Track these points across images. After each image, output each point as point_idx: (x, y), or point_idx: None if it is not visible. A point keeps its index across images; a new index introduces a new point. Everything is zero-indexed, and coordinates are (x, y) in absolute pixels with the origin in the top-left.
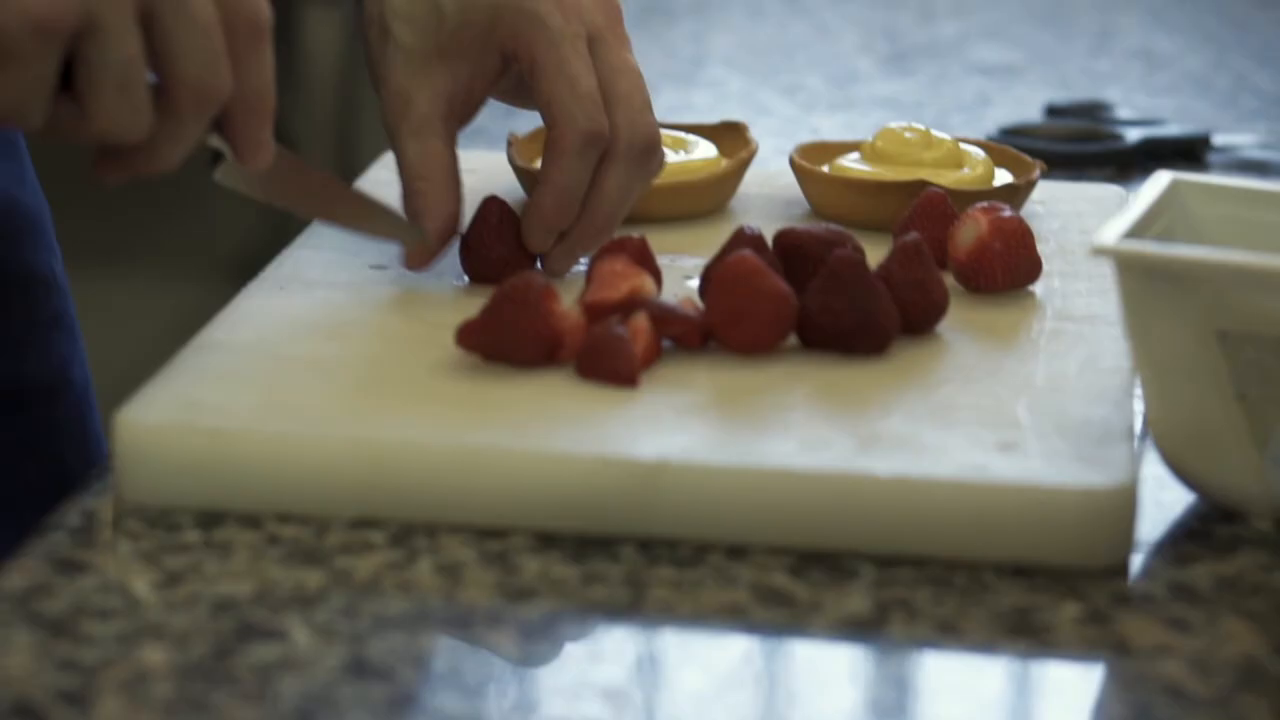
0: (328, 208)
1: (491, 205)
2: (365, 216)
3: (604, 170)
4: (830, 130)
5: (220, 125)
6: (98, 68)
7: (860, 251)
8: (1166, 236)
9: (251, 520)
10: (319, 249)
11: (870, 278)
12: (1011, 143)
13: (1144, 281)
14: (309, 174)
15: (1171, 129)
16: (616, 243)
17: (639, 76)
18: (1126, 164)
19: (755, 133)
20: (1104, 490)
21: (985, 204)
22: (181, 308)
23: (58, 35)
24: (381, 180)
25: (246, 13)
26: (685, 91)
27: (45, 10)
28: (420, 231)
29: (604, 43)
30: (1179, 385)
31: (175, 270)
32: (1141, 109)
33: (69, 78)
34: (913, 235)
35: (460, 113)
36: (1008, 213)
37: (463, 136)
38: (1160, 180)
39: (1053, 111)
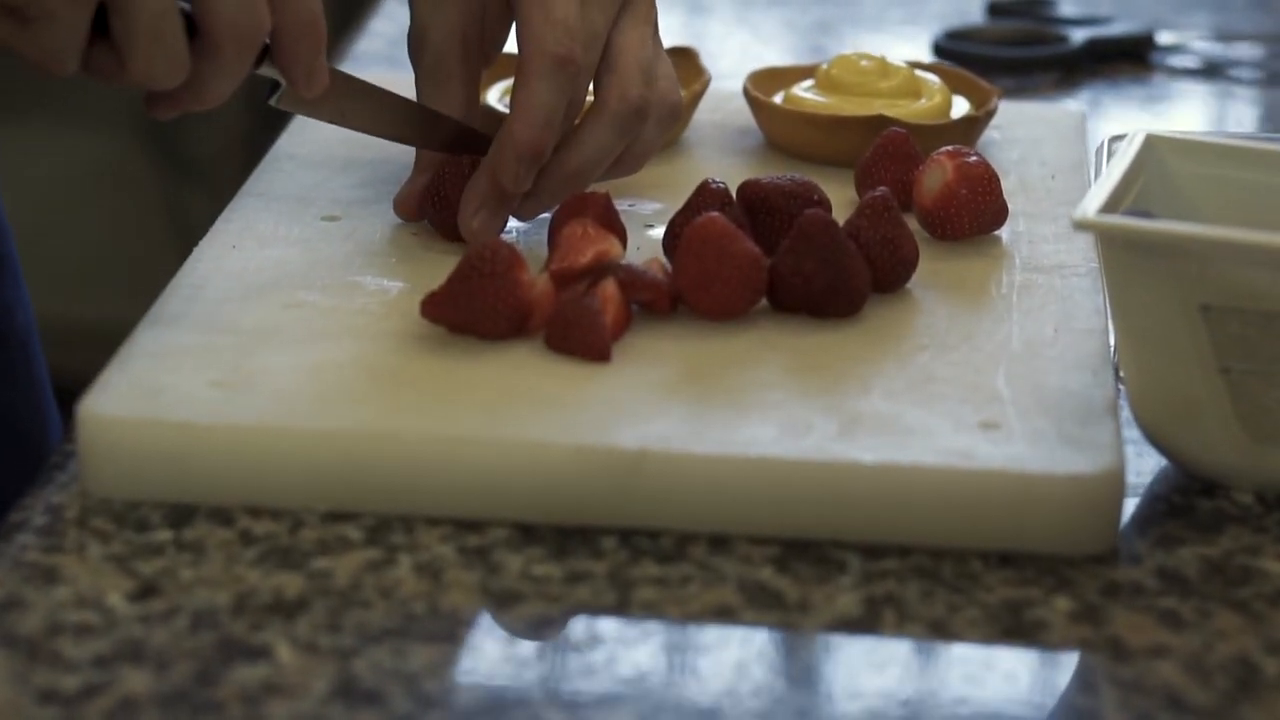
0: (392, 125)
1: (462, 159)
2: (431, 132)
3: (585, 125)
4: (770, 29)
5: (270, 54)
6: (130, 19)
7: (827, 204)
8: (1144, 198)
9: (222, 515)
10: (268, 198)
11: (841, 238)
12: (956, 48)
13: (1126, 255)
14: (369, 92)
15: (1116, 28)
16: (579, 201)
17: (642, 44)
18: (1072, 66)
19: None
20: (1091, 476)
21: (950, 148)
22: (90, 159)
23: None
24: None
25: None
26: None
27: None
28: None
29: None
30: (1161, 358)
31: (80, 120)
32: (1083, 3)
33: (106, 24)
34: (881, 190)
35: (476, 51)
36: (974, 158)
37: None
38: (1136, 139)
39: (995, 10)
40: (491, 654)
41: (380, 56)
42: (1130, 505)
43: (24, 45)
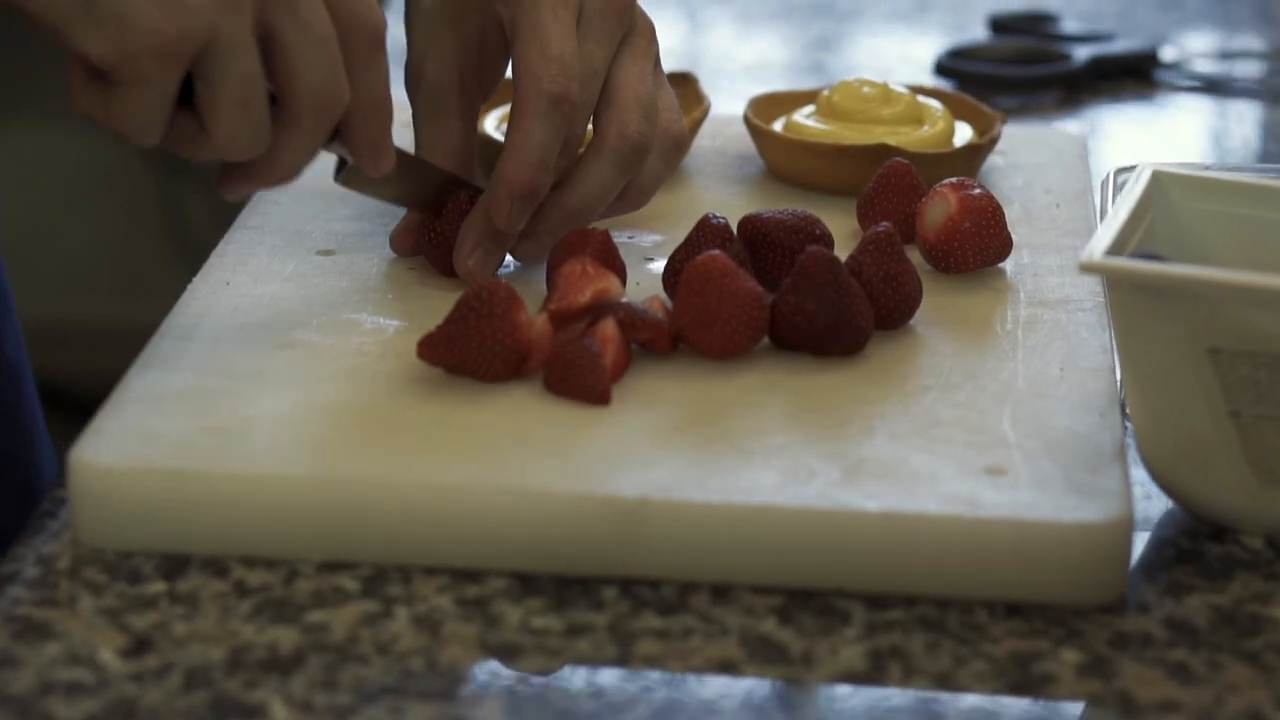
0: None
1: (460, 195)
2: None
3: (584, 163)
4: (769, 44)
5: (338, 133)
6: (218, 85)
7: (828, 238)
8: (1151, 236)
9: (216, 566)
10: (263, 231)
11: (843, 276)
12: (959, 66)
13: (1134, 297)
14: (432, 172)
15: (1119, 45)
16: (578, 238)
17: (641, 79)
18: (1075, 85)
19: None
20: (1099, 525)
21: (954, 180)
22: (85, 159)
23: (183, 58)
24: None
25: (363, 23)
26: None
27: (173, 34)
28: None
29: (588, 31)
30: (1170, 401)
31: (74, 120)
32: (1084, 13)
33: (188, 94)
34: (884, 225)
35: (473, 83)
36: (977, 190)
37: None
38: (1142, 175)
39: (997, 27)
40: (491, 711)
41: None
42: (1137, 547)
43: (111, 115)
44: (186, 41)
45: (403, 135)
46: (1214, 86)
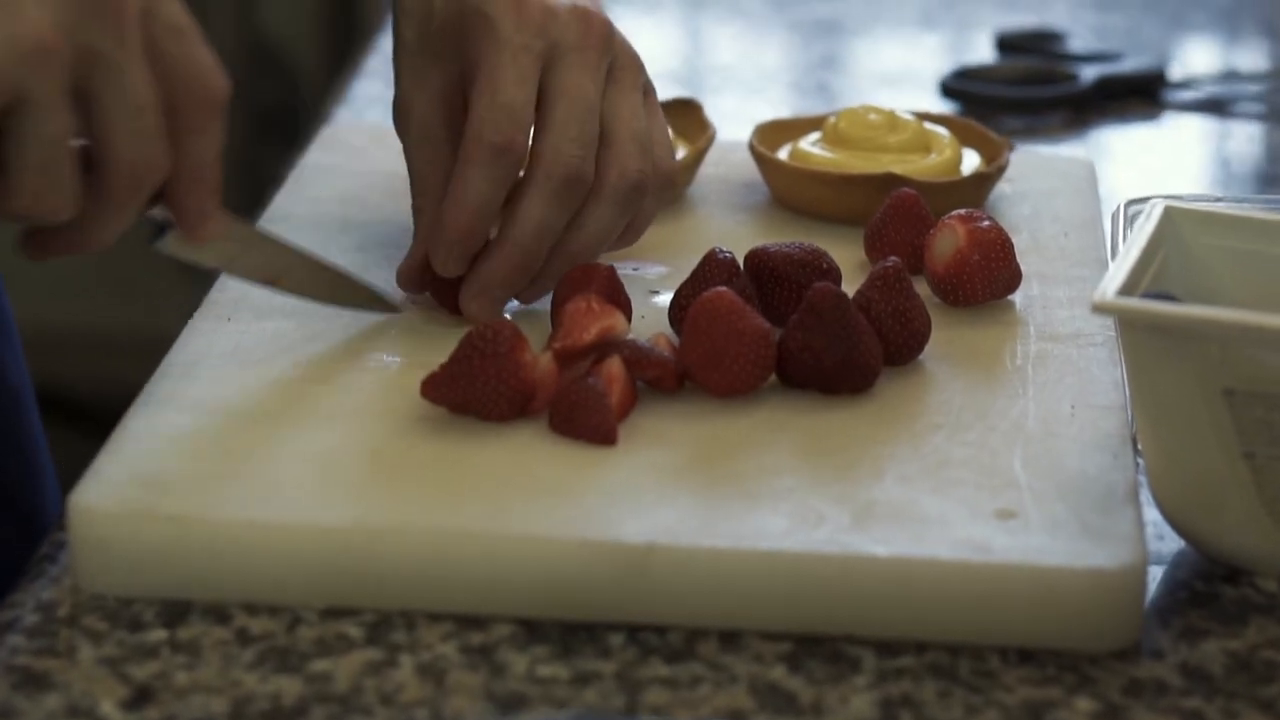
0: (286, 277)
1: None
2: (327, 287)
3: (586, 209)
4: (773, 61)
5: (162, 195)
6: (21, 144)
7: (836, 272)
8: (1163, 273)
9: (218, 613)
10: None
11: (851, 313)
12: (964, 87)
13: (1147, 337)
14: (264, 242)
15: (1126, 65)
16: (583, 274)
17: (634, 115)
18: (1082, 105)
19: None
20: (1112, 571)
21: (962, 211)
22: None
23: None
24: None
25: (199, 87)
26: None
27: None
28: (392, 304)
29: (572, 64)
30: (1183, 442)
31: None
32: (1090, 27)
33: None
34: (892, 260)
35: (460, 116)
36: (986, 223)
37: None
38: (1154, 212)
39: (1004, 45)
40: None
41: (378, 99)
42: (1150, 588)
43: None
44: None
45: (397, 161)
46: (1221, 107)
